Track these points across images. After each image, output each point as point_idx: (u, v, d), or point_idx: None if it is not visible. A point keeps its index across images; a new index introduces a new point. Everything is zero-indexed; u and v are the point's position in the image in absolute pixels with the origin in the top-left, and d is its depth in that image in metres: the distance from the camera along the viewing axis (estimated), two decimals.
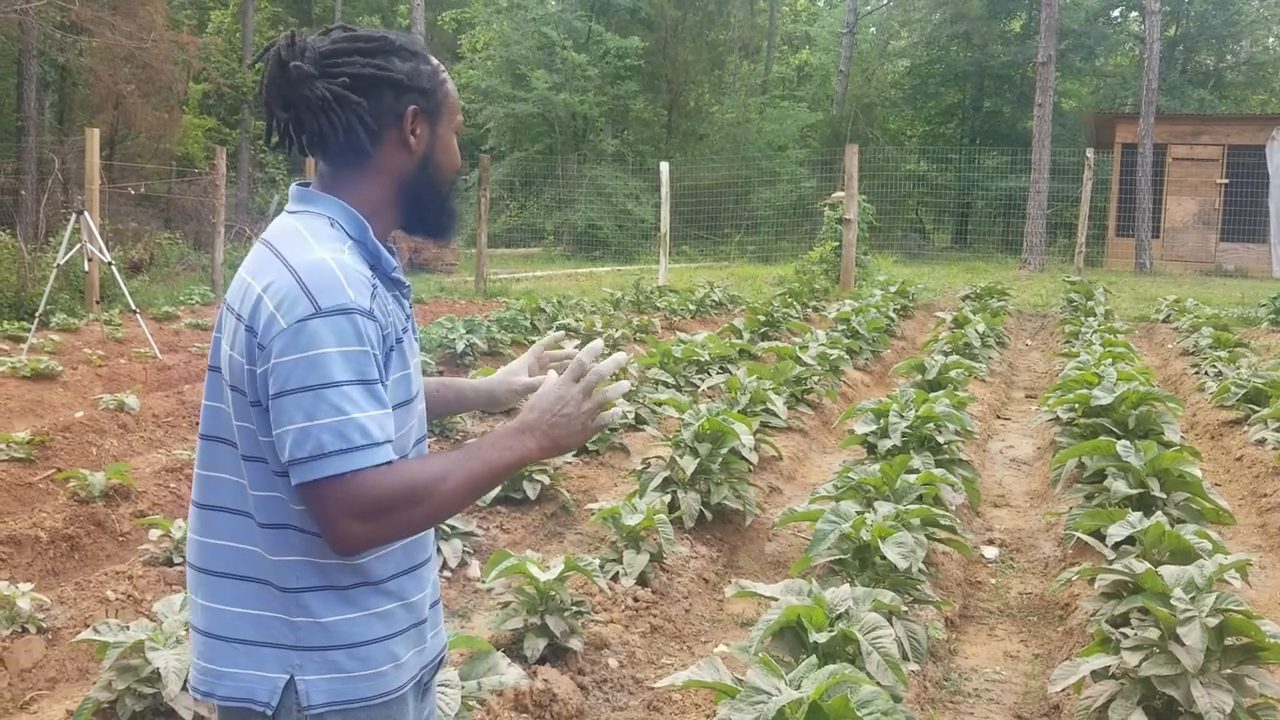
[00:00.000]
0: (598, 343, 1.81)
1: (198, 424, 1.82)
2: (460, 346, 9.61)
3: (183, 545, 4.89)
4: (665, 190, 17.26)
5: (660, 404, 7.20)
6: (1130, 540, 4.43)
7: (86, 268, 11.27)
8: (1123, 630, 3.61)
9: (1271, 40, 34.58)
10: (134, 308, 10.33)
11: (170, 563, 4.85)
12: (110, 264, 10.69)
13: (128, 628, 3.43)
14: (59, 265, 10.30)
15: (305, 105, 1.71)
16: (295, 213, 1.76)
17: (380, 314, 1.66)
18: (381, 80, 1.73)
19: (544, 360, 2.24)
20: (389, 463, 1.63)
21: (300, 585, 1.68)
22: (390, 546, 1.74)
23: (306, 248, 1.66)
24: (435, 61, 1.81)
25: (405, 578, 1.78)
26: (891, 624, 3.60)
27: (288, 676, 1.68)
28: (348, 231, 1.73)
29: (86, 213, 10.41)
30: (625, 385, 1.82)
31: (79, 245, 10.41)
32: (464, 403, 2.21)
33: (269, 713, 1.68)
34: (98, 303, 12.20)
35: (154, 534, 4.95)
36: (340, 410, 1.58)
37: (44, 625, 4.13)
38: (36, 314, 9.98)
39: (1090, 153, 18.99)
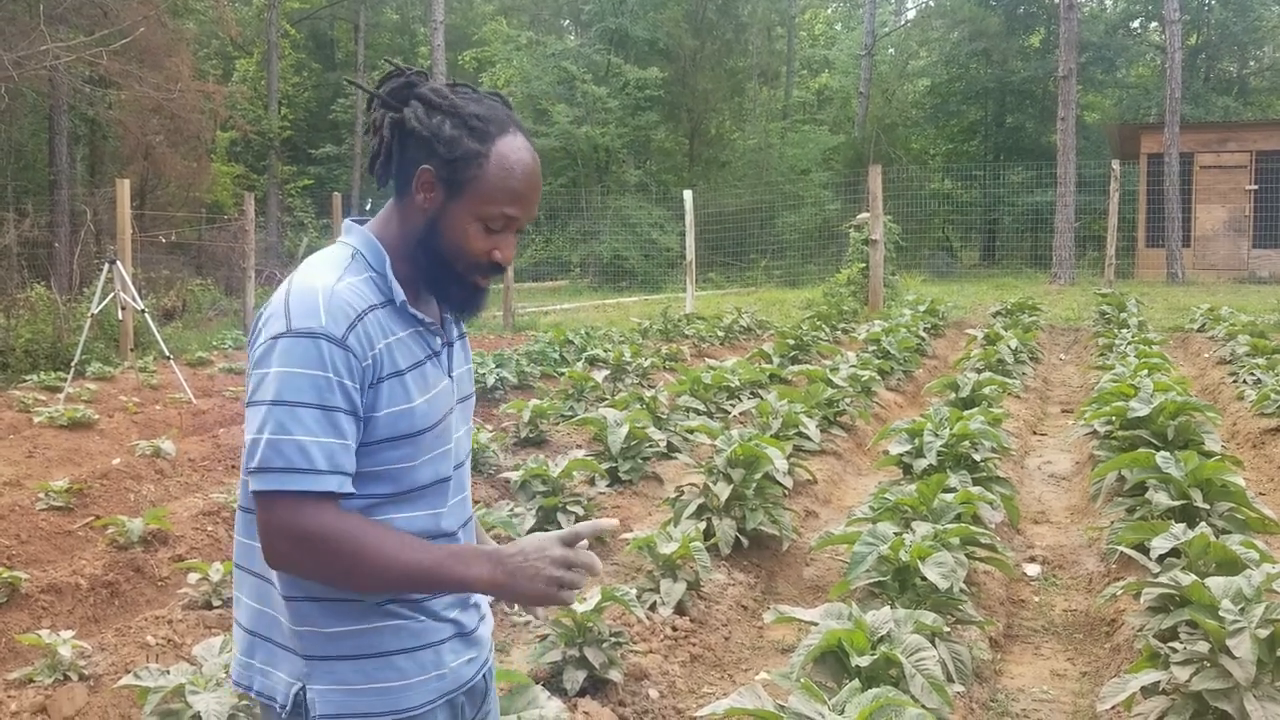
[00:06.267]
0: (611, 521, 1.85)
1: (233, 467, 1.87)
2: (491, 381, 9.64)
3: (221, 589, 4.91)
4: (689, 218, 17.29)
5: (692, 431, 7.18)
6: (1174, 553, 4.35)
7: (120, 316, 11.41)
8: (1171, 645, 3.54)
9: None
10: (168, 354, 10.43)
11: (209, 606, 4.86)
12: (144, 312, 10.81)
13: (168, 672, 3.44)
14: (93, 314, 10.42)
15: (368, 125, 1.83)
16: (338, 241, 1.84)
17: (358, 345, 1.67)
18: (411, 131, 1.75)
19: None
20: (331, 494, 1.64)
21: (295, 594, 1.72)
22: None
23: (313, 274, 1.73)
24: (494, 148, 1.75)
25: (405, 601, 1.77)
26: (934, 645, 3.55)
27: (300, 685, 1.72)
28: (369, 262, 1.78)
29: (119, 262, 10.55)
30: (597, 566, 1.77)
31: (112, 294, 10.54)
32: None
33: (284, 715, 1.74)
34: (132, 350, 12.34)
35: (192, 578, 4.97)
36: (283, 429, 1.62)
37: (85, 672, 4.15)
38: (72, 363, 10.09)
39: (1116, 164, 18.86)
